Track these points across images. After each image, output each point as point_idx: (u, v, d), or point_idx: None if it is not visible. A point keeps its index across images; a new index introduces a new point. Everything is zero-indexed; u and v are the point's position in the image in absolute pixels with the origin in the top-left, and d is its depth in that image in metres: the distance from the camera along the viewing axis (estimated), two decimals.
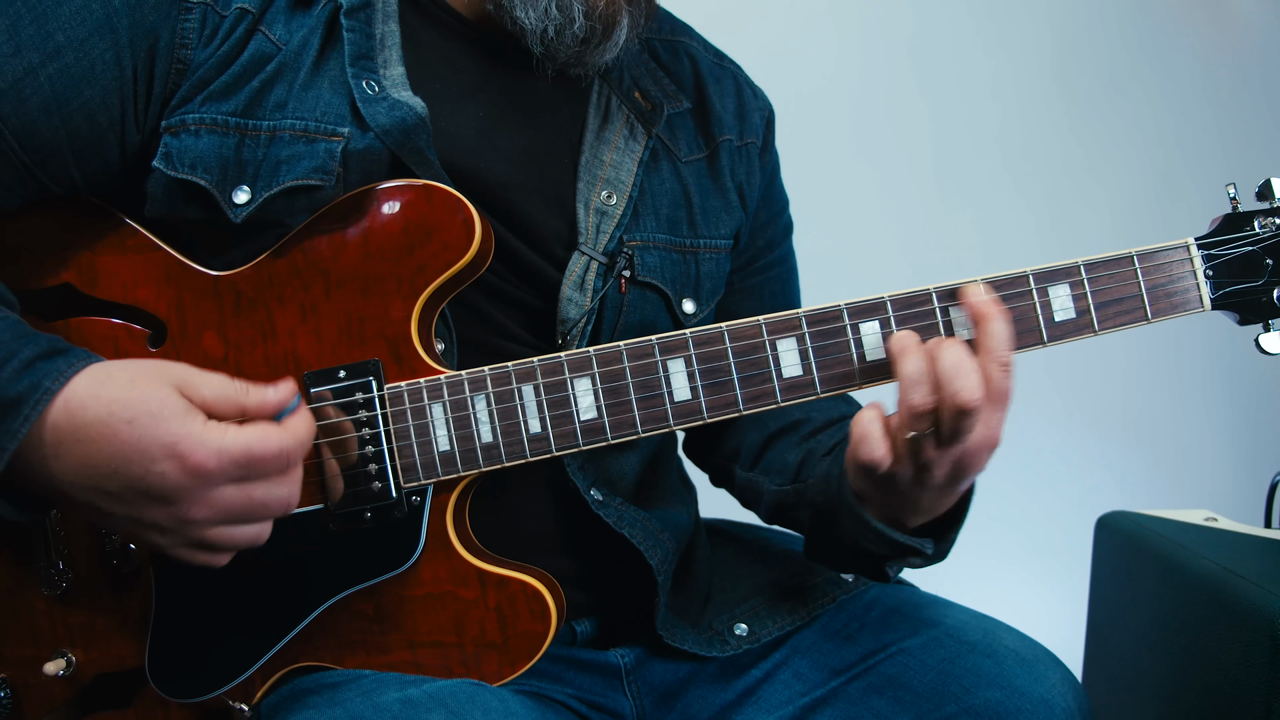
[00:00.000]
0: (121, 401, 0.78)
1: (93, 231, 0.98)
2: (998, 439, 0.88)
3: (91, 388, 0.79)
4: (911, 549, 0.97)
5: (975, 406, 0.84)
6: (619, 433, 0.93)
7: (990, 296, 0.89)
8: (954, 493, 0.93)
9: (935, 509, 0.94)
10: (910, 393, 0.86)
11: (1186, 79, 2.27)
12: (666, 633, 1.05)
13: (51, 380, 0.78)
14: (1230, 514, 1.41)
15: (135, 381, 0.79)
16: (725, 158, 1.19)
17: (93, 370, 0.80)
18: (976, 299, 0.89)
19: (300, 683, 0.94)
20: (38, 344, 0.81)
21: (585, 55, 1.05)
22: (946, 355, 0.85)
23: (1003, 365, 0.86)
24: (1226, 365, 2.29)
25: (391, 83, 0.99)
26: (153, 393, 0.79)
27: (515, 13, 1.02)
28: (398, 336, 0.94)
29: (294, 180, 0.94)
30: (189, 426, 0.78)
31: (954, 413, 0.84)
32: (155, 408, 0.78)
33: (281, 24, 0.99)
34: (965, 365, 0.85)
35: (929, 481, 0.89)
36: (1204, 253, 0.93)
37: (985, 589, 1.79)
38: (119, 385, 0.79)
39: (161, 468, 0.77)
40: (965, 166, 2.22)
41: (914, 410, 0.86)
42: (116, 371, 0.80)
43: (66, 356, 0.81)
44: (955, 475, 0.89)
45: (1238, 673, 1.11)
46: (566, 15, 1.02)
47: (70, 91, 0.91)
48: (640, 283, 1.09)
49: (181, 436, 0.78)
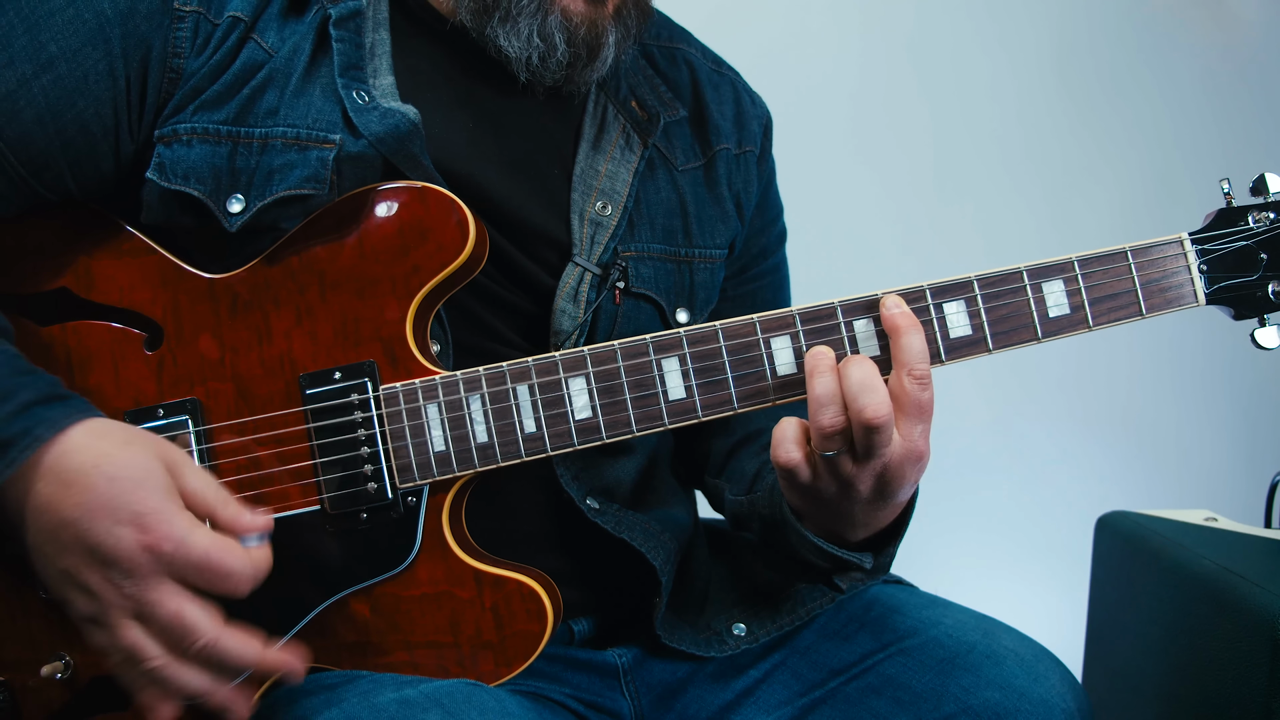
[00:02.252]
0: (110, 458, 0.78)
1: (89, 236, 0.98)
2: (921, 451, 0.88)
3: (87, 438, 0.79)
4: (850, 564, 0.98)
5: (881, 423, 0.84)
6: (614, 432, 0.93)
7: (901, 309, 0.89)
8: (891, 505, 0.93)
9: (874, 523, 0.95)
10: (819, 414, 0.86)
11: (1185, 79, 2.27)
12: (665, 633, 1.05)
13: (45, 429, 0.78)
14: (1230, 514, 1.40)
15: (131, 443, 0.80)
16: (722, 166, 1.19)
17: (92, 424, 0.80)
18: (888, 312, 0.90)
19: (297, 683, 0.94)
20: (37, 387, 0.81)
21: (573, 76, 1.06)
22: (852, 373, 0.86)
23: (917, 378, 0.86)
24: (1226, 365, 2.28)
25: (381, 92, 0.99)
26: (143, 460, 0.79)
27: (499, 41, 1.02)
28: (393, 338, 0.94)
29: (287, 190, 0.95)
30: (164, 505, 0.78)
31: (862, 430, 0.85)
32: (141, 475, 0.78)
33: (274, 31, 0.99)
34: (872, 381, 0.85)
35: (855, 495, 0.90)
36: (1198, 248, 0.93)
37: (985, 589, 1.78)
38: (113, 443, 0.79)
39: (120, 532, 0.77)
40: (964, 166, 2.21)
41: (823, 431, 0.86)
42: (114, 431, 0.81)
43: (64, 405, 0.81)
44: (882, 489, 0.90)
45: (1238, 673, 1.11)
46: (549, 43, 1.02)
47: (64, 102, 0.91)
48: (634, 294, 1.09)
49: (152, 510, 0.77)
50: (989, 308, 0.92)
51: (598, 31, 1.03)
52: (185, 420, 0.95)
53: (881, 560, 1.00)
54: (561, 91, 1.09)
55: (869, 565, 0.99)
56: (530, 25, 1.01)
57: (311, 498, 0.95)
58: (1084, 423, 2.27)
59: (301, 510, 0.95)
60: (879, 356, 0.91)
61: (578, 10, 1.02)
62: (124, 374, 0.96)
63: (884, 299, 0.91)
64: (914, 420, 0.87)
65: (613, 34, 1.05)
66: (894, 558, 1.01)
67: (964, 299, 0.92)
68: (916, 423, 0.87)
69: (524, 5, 1.00)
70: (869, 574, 1.01)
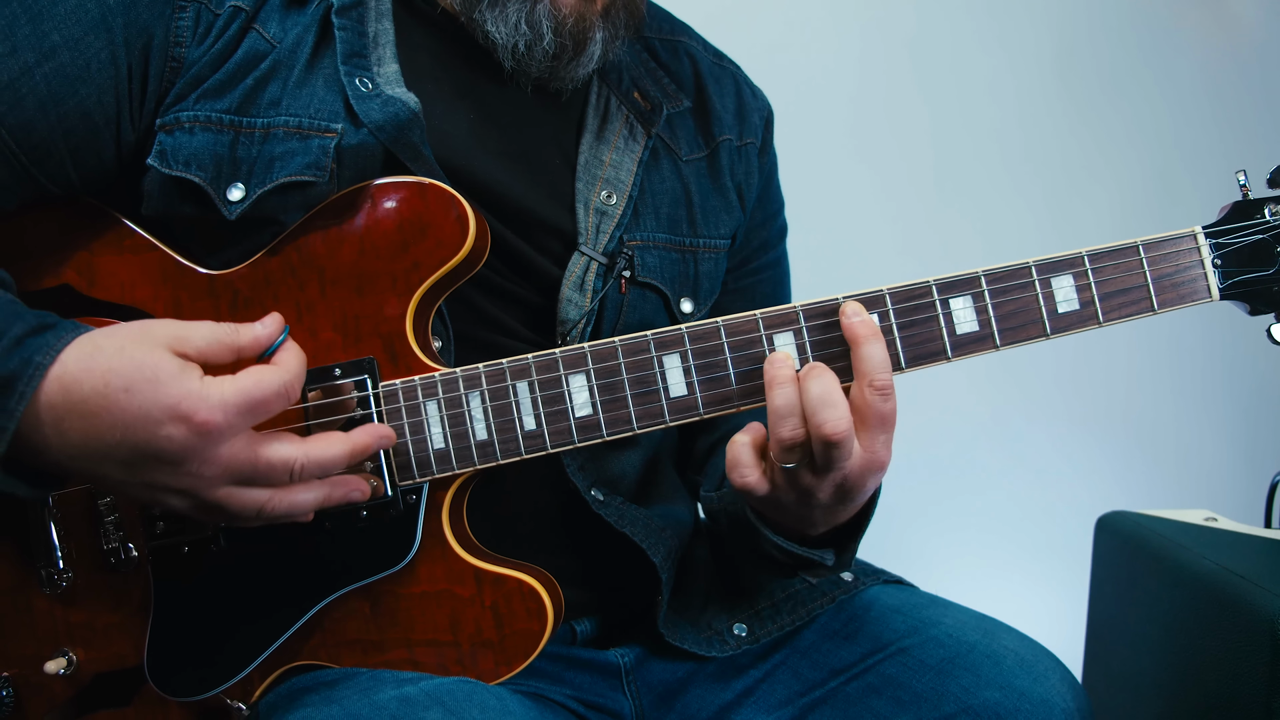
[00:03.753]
0: (115, 371, 0.77)
1: (90, 232, 0.98)
2: (882, 461, 0.87)
3: (82, 361, 0.78)
4: (812, 561, 0.97)
5: (841, 439, 0.83)
6: (614, 429, 0.93)
7: (861, 318, 0.88)
8: (851, 506, 0.92)
9: (834, 520, 0.95)
10: (779, 426, 0.86)
11: (1186, 79, 2.27)
12: (668, 631, 1.05)
13: (42, 355, 0.77)
14: (1230, 514, 1.40)
15: (125, 348, 0.78)
16: (725, 157, 1.19)
17: (80, 343, 0.79)
18: (847, 320, 0.88)
19: (298, 681, 0.94)
20: (26, 320, 0.80)
21: (559, 70, 1.06)
22: (811, 387, 0.85)
23: (878, 389, 0.85)
24: (1227, 365, 2.28)
25: (385, 80, 0.99)
26: (145, 357, 0.78)
27: (486, 27, 1.03)
28: (393, 334, 0.94)
29: (287, 176, 0.95)
30: (187, 385, 0.77)
31: (821, 444, 0.84)
32: (150, 373, 0.77)
33: (276, 22, 0.99)
34: (831, 396, 0.84)
35: (815, 502, 0.89)
36: (1211, 241, 0.92)
37: (985, 589, 1.79)
38: (109, 355, 0.78)
39: (168, 430, 0.77)
40: (964, 165, 2.21)
41: (783, 443, 0.86)
42: (104, 341, 0.79)
43: (55, 330, 0.80)
44: (842, 496, 0.89)
45: (1238, 673, 1.11)
46: (535, 31, 1.02)
47: (66, 90, 0.91)
48: (640, 283, 1.09)
49: (181, 397, 0.77)
50: (996, 303, 0.91)
51: (585, 25, 1.03)
52: None
53: (844, 557, 1.00)
54: (549, 87, 1.09)
55: (830, 562, 0.99)
56: (519, 12, 1.01)
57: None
58: (1084, 423, 2.27)
59: None
60: None
61: (567, 2, 1.02)
62: None
63: (843, 306, 0.90)
64: (876, 431, 0.86)
65: (600, 31, 1.05)
66: (855, 553, 1.01)
67: (971, 294, 0.91)
68: (879, 433, 0.86)
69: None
70: (832, 570, 1.01)
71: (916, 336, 0.91)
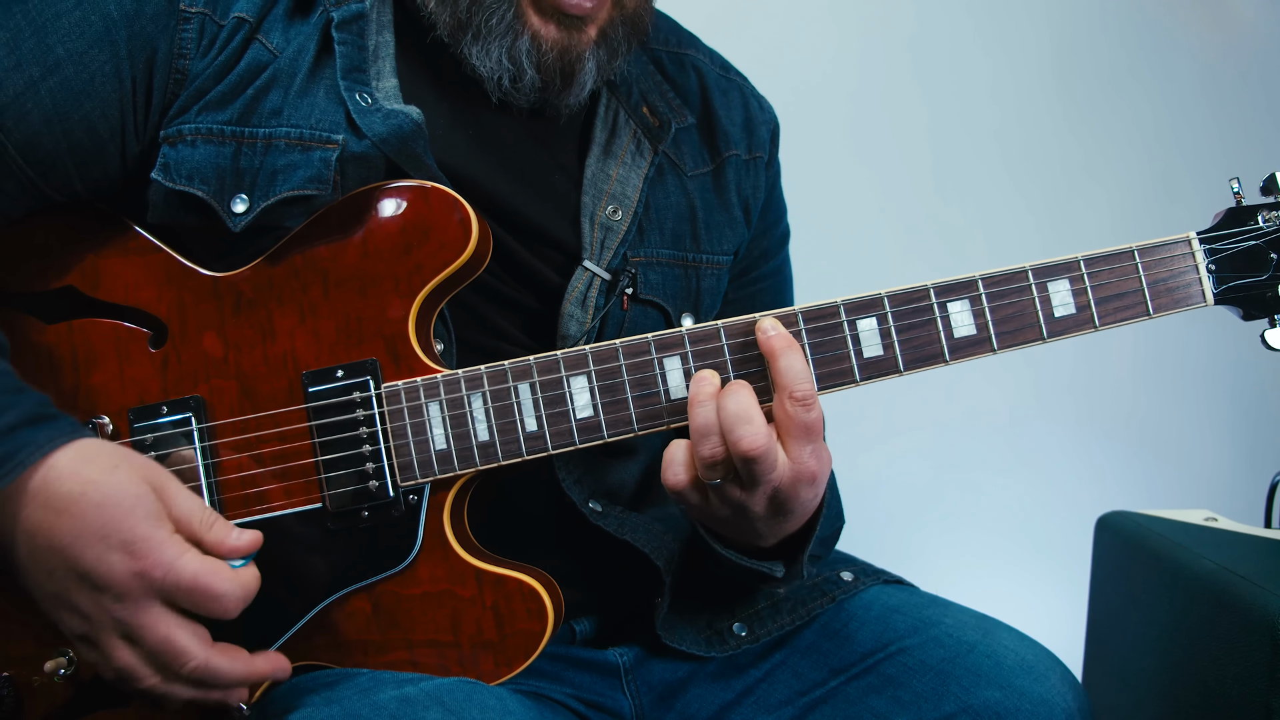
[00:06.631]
0: (98, 484, 0.79)
1: (95, 234, 0.98)
2: (814, 471, 0.87)
3: (74, 463, 0.79)
4: (762, 573, 0.98)
5: (759, 454, 0.83)
6: (615, 431, 0.94)
7: (777, 332, 0.88)
8: (794, 517, 0.92)
9: (782, 532, 0.95)
10: (700, 445, 0.86)
11: (1186, 79, 2.27)
12: (666, 633, 1.05)
13: (28, 454, 0.79)
14: (1230, 514, 1.40)
15: (118, 468, 0.80)
16: (731, 173, 1.19)
17: (79, 446, 0.81)
18: (763, 336, 0.89)
19: (298, 681, 0.94)
20: (23, 408, 0.81)
21: (549, 99, 1.05)
22: (728, 404, 0.85)
23: (799, 400, 0.85)
24: (1227, 365, 2.28)
25: (385, 95, 0.99)
26: (130, 486, 0.80)
27: (471, 60, 1.02)
28: (395, 336, 0.95)
29: (290, 190, 0.95)
30: (154, 531, 0.79)
31: (741, 460, 0.84)
32: (129, 502, 0.79)
33: (279, 32, 0.99)
34: (747, 412, 0.84)
35: (752, 515, 0.89)
36: (1206, 247, 0.93)
37: (985, 589, 1.79)
38: (100, 468, 0.80)
39: (111, 559, 0.78)
40: (964, 166, 2.21)
41: (704, 460, 0.86)
42: (101, 454, 0.81)
43: (49, 427, 0.81)
44: (778, 509, 0.89)
45: (1238, 673, 1.11)
46: (517, 66, 1.01)
47: (71, 104, 0.91)
48: (642, 300, 1.09)
49: (144, 537, 0.79)
50: (993, 307, 0.92)
51: (570, 59, 1.02)
52: (189, 418, 0.95)
53: (794, 569, 1.00)
54: (545, 113, 1.08)
55: (780, 574, 0.99)
56: (500, 47, 1.00)
57: (313, 495, 0.95)
58: (1084, 423, 2.27)
59: (303, 508, 0.95)
60: (883, 356, 0.92)
61: (549, 36, 1.00)
62: (129, 371, 0.97)
63: (759, 322, 0.90)
64: (801, 442, 0.86)
65: (591, 60, 1.03)
66: (804, 564, 1.00)
67: (968, 298, 0.92)
68: (805, 444, 0.86)
69: (494, 26, 0.99)
70: (783, 581, 1.01)
71: (915, 340, 0.92)
